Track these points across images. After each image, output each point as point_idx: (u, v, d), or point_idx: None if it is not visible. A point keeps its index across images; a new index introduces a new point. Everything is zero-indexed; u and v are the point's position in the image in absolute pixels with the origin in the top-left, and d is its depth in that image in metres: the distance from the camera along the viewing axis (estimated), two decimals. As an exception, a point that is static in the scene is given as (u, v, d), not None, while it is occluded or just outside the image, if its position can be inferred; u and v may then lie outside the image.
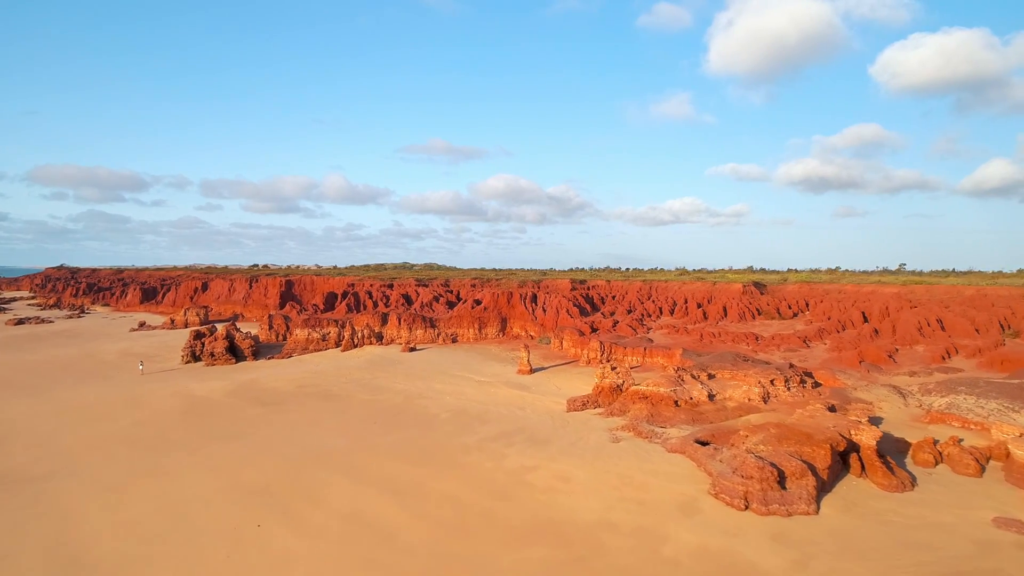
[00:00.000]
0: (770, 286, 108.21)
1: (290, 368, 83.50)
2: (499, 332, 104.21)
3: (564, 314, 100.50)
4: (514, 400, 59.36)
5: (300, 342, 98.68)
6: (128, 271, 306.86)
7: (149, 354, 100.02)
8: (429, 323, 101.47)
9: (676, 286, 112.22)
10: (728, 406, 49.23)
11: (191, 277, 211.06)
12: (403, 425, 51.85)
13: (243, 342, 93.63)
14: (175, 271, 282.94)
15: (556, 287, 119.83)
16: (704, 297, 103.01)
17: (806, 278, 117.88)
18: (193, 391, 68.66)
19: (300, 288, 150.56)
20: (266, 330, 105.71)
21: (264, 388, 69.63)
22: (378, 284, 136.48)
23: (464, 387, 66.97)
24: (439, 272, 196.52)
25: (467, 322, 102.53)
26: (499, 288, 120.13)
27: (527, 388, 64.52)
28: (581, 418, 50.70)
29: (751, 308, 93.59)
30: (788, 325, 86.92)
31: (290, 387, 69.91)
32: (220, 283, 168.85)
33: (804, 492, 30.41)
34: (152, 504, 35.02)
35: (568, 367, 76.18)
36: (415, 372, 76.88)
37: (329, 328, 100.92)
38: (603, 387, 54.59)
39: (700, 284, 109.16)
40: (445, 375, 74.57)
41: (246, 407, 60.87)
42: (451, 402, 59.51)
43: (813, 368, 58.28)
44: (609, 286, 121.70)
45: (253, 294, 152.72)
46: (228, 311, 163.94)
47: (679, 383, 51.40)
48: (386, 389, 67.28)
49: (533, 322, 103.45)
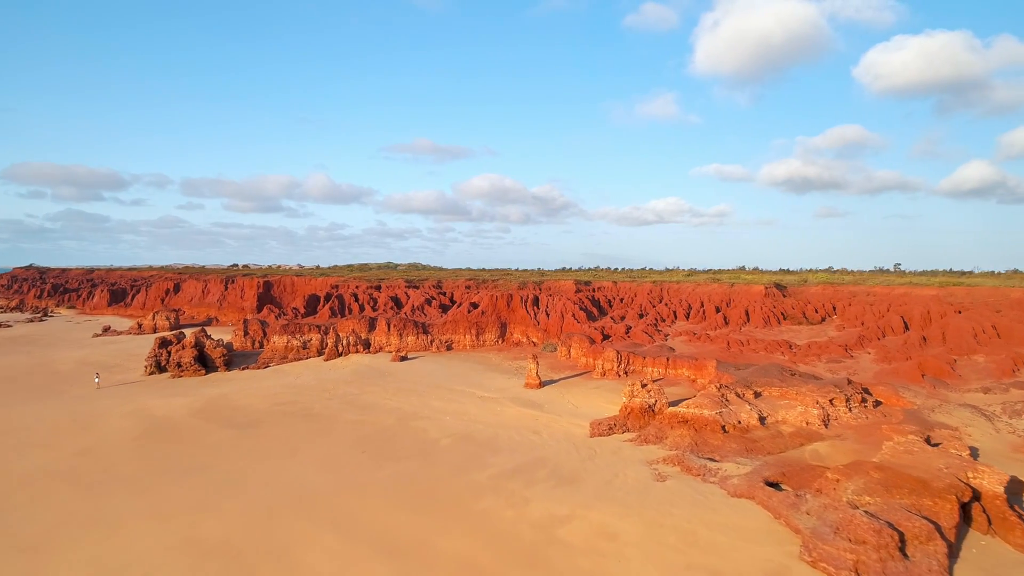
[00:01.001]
0: (790, 287, 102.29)
1: (266, 380, 75.61)
2: (498, 338, 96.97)
3: (570, 318, 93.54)
4: (526, 422, 52.17)
5: (278, 350, 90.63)
6: (99, 271, 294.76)
7: (109, 363, 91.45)
8: (421, 329, 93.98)
9: (689, 288, 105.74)
10: (783, 432, 42.49)
11: (164, 278, 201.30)
12: (398, 454, 44.48)
13: (214, 351, 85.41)
14: (147, 271, 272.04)
15: (559, 289, 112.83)
16: (722, 300, 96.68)
17: (827, 279, 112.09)
18: (153, 409, 60.75)
19: (279, 290, 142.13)
20: (241, 336, 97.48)
21: (235, 405, 61.81)
22: (364, 286, 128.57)
23: (466, 405, 59.66)
24: (429, 272, 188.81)
25: (463, 328, 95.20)
26: (497, 290, 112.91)
27: (539, 406, 57.36)
28: (610, 446, 43.66)
29: (775, 312, 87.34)
30: (819, 331, 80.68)
31: (265, 404, 62.16)
32: (193, 284, 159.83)
33: (934, 562, 23.61)
34: (77, 571, 27.43)
35: (581, 379, 69.17)
36: (408, 386, 69.41)
37: (310, 335, 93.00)
38: (632, 408, 47.62)
39: (717, 286, 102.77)
40: (442, 389, 67.21)
41: (213, 430, 53.18)
42: (453, 424, 52.19)
43: (867, 382, 51.80)
44: (616, 288, 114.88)
45: (228, 296, 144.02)
46: (201, 314, 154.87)
47: (723, 403, 44.57)
48: (376, 407, 59.79)
49: (535, 327, 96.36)
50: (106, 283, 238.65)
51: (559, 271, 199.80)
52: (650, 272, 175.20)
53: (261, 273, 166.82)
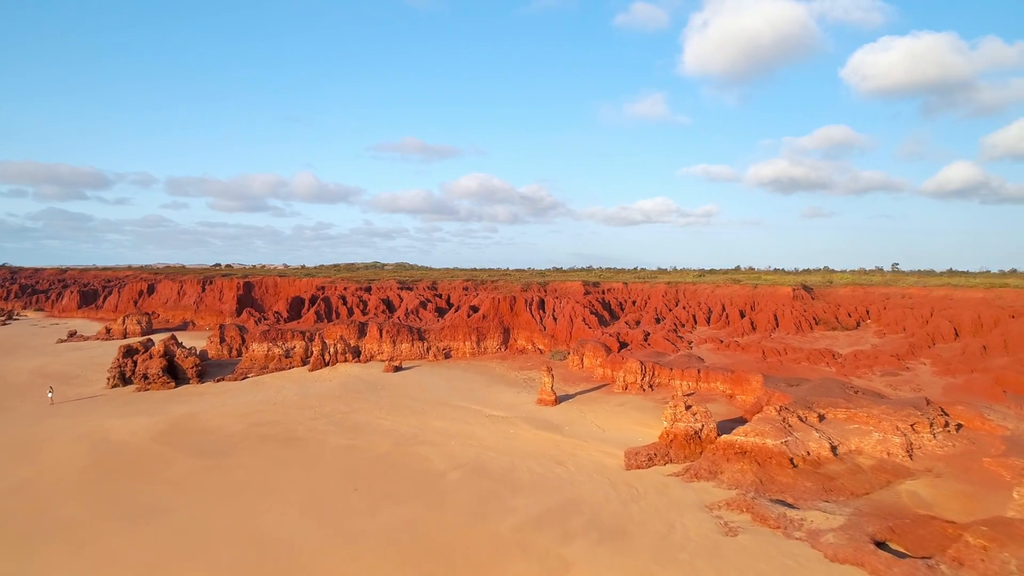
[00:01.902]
0: (816, 289, 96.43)
1: (244, 395, 68.31)
2: (501, 345, 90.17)
3: (579, 323, 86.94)
4: (547, 448, 45.40)
5: (258, 359, 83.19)
6: (72, 271, 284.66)
7: (69, 374, 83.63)
8: (417, 335, 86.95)
9: (708, 289, 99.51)
10: (862, 465, 36.06)
11: (139, 278, 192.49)
12: (398, 492, 37.59)
13: (185, 360, 77.86)
14: (123, 271, 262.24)
15: (566, 291, 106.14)
16: (746, 303, 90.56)
17: (853, 280, 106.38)
18: (109, 432, 53.52)
19: (261, 291, 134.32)
20: (216, 344, 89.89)
21: (206, 427, 54.57)
22: (353, 287, 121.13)
23: (473, 426, 52.79)
24: (421, 273, 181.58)
25: (463, 333, 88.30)
26: (498, 292, 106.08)
27: (558, 429, 50.60)
28: (653, 482, 37.00)
29: (806, 316, 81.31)
30: (857, 337, 74.63)
31: (240, 425, 54.98)
32: (168, 286, 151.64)
33: None
34: None
35: (600, 394, 62.55)
36: (405, 401, 62.42)
37: (294, 342, 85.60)
38: (675, 434, 41.00)
39: (738, 288, 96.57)
40: (444, 406, 60.29)
41: (177, 459, 46.02)
42: (460, 451, 45.31)
43: (938, 400, 45.59)
44: (627, 289, 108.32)
45: (206, 298, 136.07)
46: (177, 318, 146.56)
47: (787, 430, 38.07)
48: (369, 428, 52.81)
49: (542, 333, 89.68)
50: (79, 283, 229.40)
51: (565, 271, 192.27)
52: (660, 273, 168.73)
53: (243, 273, 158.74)
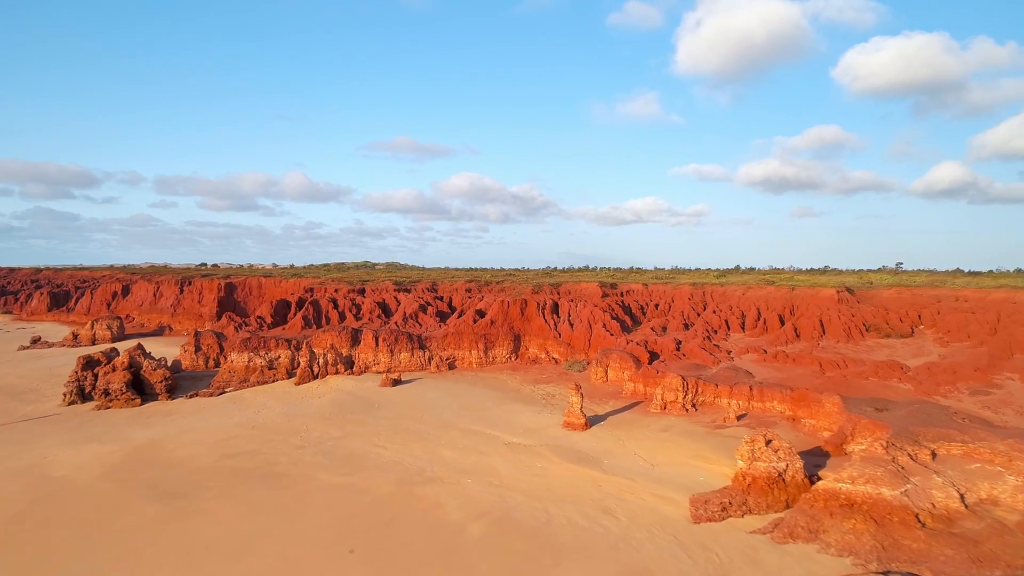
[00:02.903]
0: (858, 291, 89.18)
1: (219, 414, 60.29)
2: (511, 354, 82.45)
3: (599, 329, 79.35)
4: (586, 489, 37.70)
5: (237, 371, 75.03)
6: (47, 271, 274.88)
7: (22, 388, 75.33)
8: (417, 343, 79.08)
9: (738, 292, 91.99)
10: (1007, 522, 28.58)
11: (115, 279, 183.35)
12: (405, 556, 29.83)
13: (153, 373, 69.72)
14: (100, 271, 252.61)
15: (581, 293, 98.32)
16: (784, 307, 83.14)
17: (895, 280, 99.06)
18: (53, 466, 45.76)
19: (244, 293, 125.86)
20: (191, 353, 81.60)
21: (170, 459, 46.61)
22: (345, 289, 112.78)
23: (491, 456, 45.04)
24: (419, 273, 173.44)
25: (468, 341, 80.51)
26: (505, 294, 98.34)
27: (597, 462, 42.89)
28: (735, 543, 29.37)
29: (855, 322, 74.07)
30: (916, 346, 67.38)
31: (211, 456, 47.06)
32: (144, 287, 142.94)
33: None
34: None
35: (635, 414, 54.97)
36: (407, 424, 54.60)
37: (278, 351, 77.51)
38: (753, 477, 33.42)
39: (773, 290, 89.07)
40: (454, 430, 52.53)
41: (130, 503, 38.31)
42: (479, 494, 37.57)
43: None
44: (648, 291, 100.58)
45: (184, 301, 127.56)
46: (153, 322, 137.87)
47: (901, 474, 30.55)
48: (365, 460, 44.98)
49: (556, 340, 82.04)
50: (52, 284, 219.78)
51: (577, 271, 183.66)
52: (677, 272, 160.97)
53: (224, 274, 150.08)
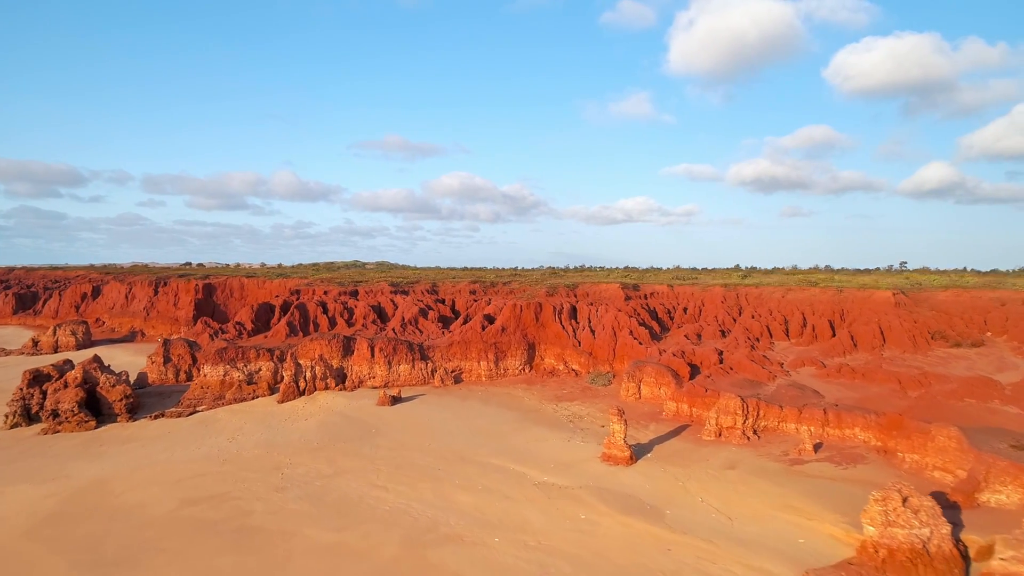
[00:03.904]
0: (910, 293, 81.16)
1: (185, 443, 51.43)
2: (524, 365, 74.04)
3: (625, 337, 71.09)
4: (651, 556, 29.29)
5: (211, 386, 66.17)
6: (18, 270, 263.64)
7: (-39, 407, 66.23)
8: (418, 353, 70.52)
9: (777, 294, 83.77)
10: None
11: (87, 279, 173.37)
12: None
13: (112, 391, 60.96)
14: (75, 271, 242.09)
15: (601, 295, 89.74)
16: (833, 311, 75.15)
17: (949, 282, 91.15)
18: (-38, 519, 36.83)
19: (224, 295, 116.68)
20: (159, 364, 72.64)
21: (117, 506, 37.98)
22: (335, 291, 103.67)
23: (519, 503, 36.62)
24: (413, 273, 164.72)
25: (476, 351, 72.06)
26: (514, 297, 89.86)
27: (656, 513, 34.51)
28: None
29: (919, 329, 66.26)
30: (996, 357, 59.55)
31: (170, 502, 38.45)
32: (116, 288, 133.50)
33: None
34: None
35: (685, 442, 46.74)
36: (411, 456, 46.06)
37: (259, 363, 68.71)
38: (889, 549, 25.17)
39: (818, 292, 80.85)
40: (469, 464, 44.06)
41: None
42: (511, 561, 29.11)
43: None
44: (674, 294, 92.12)
45: (158, 303, 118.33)
46: (125, 326, 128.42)
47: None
48: (361, 508, 36.46)
49: (576, 349, 73.71)
50: (21, 284, 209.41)
51: (588, 270, 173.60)
52: (697, 272, 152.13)
53: (203, 274, 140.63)
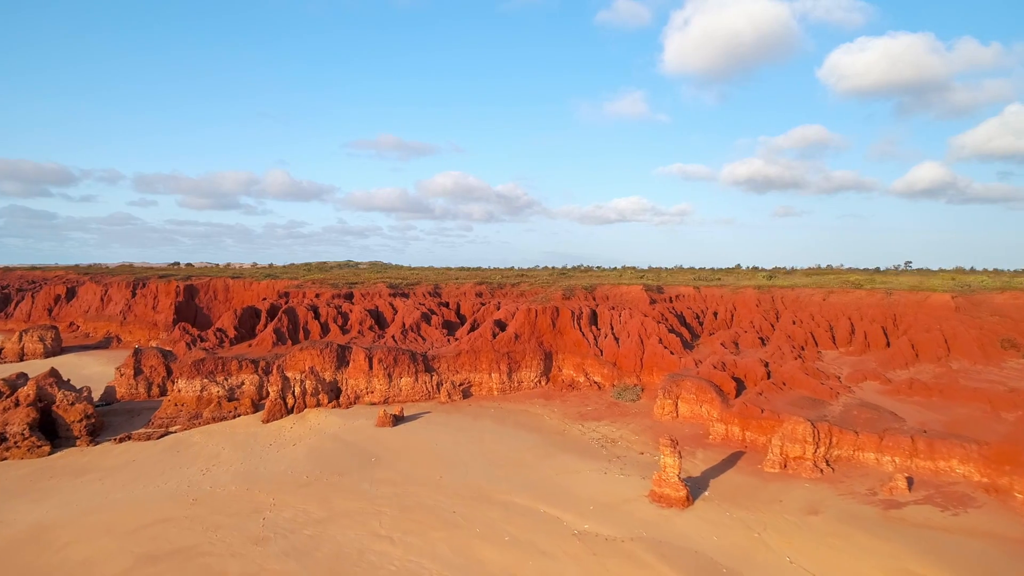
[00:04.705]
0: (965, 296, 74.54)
1: (149, 477, 43.95)
2: (541, 376, 67.06)
3: (654, 345, 64.21)
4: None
5: (187, 403, 58.90)
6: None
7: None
8: (422, 364, 63.44)
9: (817, 297, 76.40)
10: None
11: (62, 280, 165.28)
12: None
13: (70, 410, 53.74)
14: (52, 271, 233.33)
15: (622, 298, 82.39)
16: (884, 317, 68.28)
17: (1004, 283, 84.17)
18: None
19: (207, 298, 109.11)
20: (129, 377, 65.22)
21: (55, 566, 30.87)
22: (328, 293, 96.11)
23: (559, 560, 29.60)
24: (411, 273, 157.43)
25: (487, 361, 65.09)
26: (526, 300, 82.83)
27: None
28: None
29: (987, 338, 59.61)
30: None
31: (123, 559, 31.35)
32: (92, 289, 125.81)
33: None
34: None
35: (744, 475, 39.93)
36: (420, 495, 38.93)
37: (242, 376, 61.48)
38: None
39: (864, 295, 73.45)
40: (491, 506, 37.06)
41: None
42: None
43: None
44: (701, 296, 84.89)
45: (136, 307, 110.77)
46: (100, 331, 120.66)
47: None
48: (361, 567, 29.36)
49: (598, 359, 66.81)
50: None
51: (601, 271, 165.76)
52: (719, 272, 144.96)
53: (184, 275, 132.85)
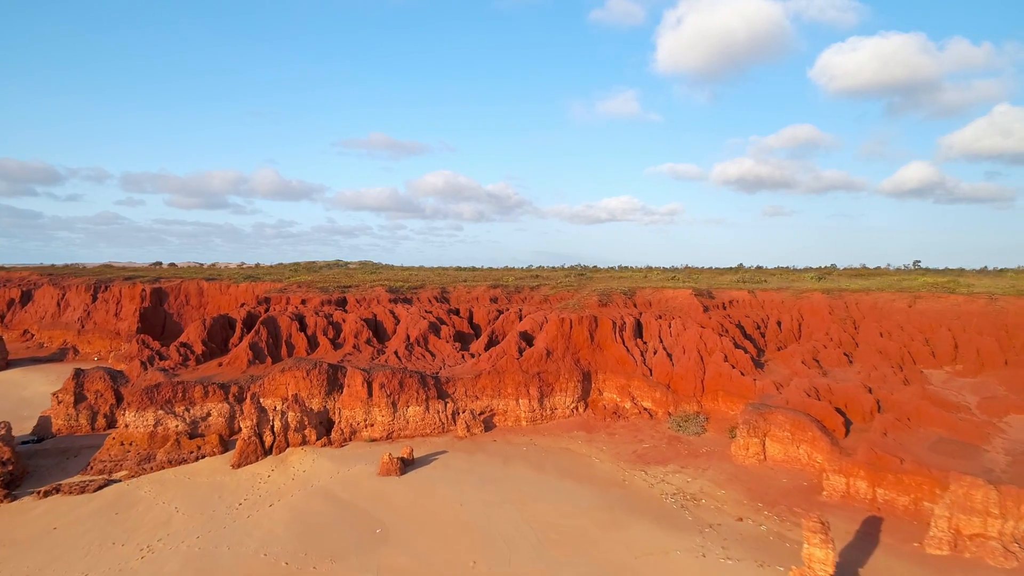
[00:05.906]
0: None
1: (68, 561, 32.17)
2: (578, 401, 56.02)
3: (717, 363, 53.38)
4: None
5: (137, 442, 47.38)
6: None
7: None
8: (434, 389, 52.18)
9: (900, 303, 64.77)
10: None
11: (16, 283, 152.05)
12: None
13: (-20, 455, 42.39)
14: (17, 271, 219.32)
15: (667, 304, 70.06)
16: (995, 326, 56.59)
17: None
18: None
19: (179, 303, 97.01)
20: (69, 405, 53.60)
21: None
22: (317, 299, 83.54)
23: None
24: (410, 274, 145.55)
25: (513, 384, 53.99)
26: (551, 307, 71.56)
27: None
28: None
29: None
30: None
31: None
32: (48, 293, 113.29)
33: None
34: None
35: (900, 559, 29.17)
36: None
37: (208, 404, 50.04)
38: None
39: (962, 301, 60.89)
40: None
41: None
42: None
43: None
44: (757, 301, 73.37)
45: (96, 313, 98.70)
46: (56, 340, 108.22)
47: None
48: None
49: (646, 379, 55.89)
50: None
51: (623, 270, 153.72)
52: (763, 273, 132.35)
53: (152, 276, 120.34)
